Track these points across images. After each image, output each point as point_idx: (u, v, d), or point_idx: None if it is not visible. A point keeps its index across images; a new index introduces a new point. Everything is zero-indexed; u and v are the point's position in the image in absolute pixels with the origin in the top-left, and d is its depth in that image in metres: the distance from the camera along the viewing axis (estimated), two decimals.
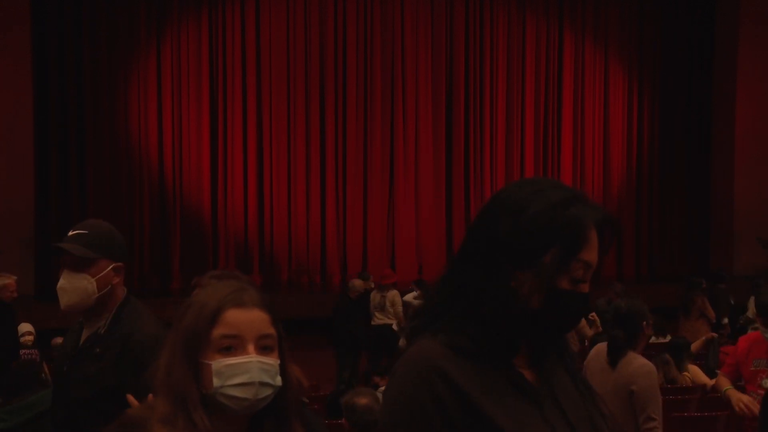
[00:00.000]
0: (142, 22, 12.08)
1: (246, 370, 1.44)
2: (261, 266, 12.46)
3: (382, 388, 5.27)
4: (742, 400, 3.98)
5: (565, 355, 1.49)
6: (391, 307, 9.20)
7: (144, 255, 12.07)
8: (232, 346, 1.45)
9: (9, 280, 7.08)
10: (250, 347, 1.46)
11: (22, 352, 6.76)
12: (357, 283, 9.33)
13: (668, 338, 7.30)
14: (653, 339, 6.85)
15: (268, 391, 1.46)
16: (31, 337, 7.17)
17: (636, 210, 13.74)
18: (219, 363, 1.43)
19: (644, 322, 3.70)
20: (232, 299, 1.48)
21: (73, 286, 2.53)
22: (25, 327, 7.30)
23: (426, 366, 1.35)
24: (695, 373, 5.96)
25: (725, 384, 4.22)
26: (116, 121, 12.03)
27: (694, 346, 6.77)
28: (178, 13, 12.22)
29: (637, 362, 3.60)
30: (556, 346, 1.48)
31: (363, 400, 3.92)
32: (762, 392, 4.00)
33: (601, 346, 3.75)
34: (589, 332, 7.13)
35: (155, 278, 12.03)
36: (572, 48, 13.44)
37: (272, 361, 1.47)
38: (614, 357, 3.61)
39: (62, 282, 2.54)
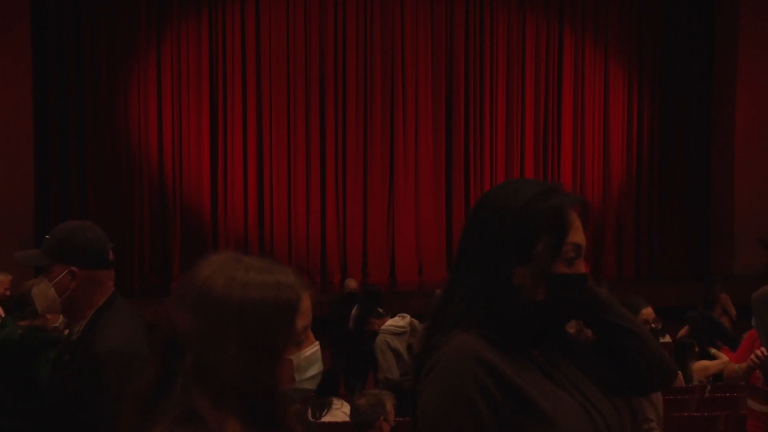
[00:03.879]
0: (142, 22, 12.08)
1: (317, 359, 1.34)
2: None
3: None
4: (755, 353, 3.98)
5: (571, 348, 1.55)
6: None
7: (144, 255, 12.07)
8: (304, 336, 1.31)
9: (2, 277, 6.98)
10: (311, 334, 1.33)
11: None
12: (351, 282, 9.36)
13: (667, 338, 7.28)
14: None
15: None
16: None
17: (636, 210, 13.74)
18: (298, 357, 1.29)
19: None
20: (300, 283, 1.31)
21: (38, 291, 2.51)
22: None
23: (467, 356, 1.39)
24: (702, 366, 5.92)
25: (734, 364, 4.21)
26: (116, 121, 12.03)
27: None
28: (178, 13, 12.22)
29: None
30: (562, 340, 1.53)
31: (361, 400, 3.94)
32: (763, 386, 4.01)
33: None
34: None
35: (155, 278, 12.03)
36: (572, 48, 13.44)
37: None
38: None
39: (34, 287, 2.55)
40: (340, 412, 5.41)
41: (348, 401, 5.44)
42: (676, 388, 5.66)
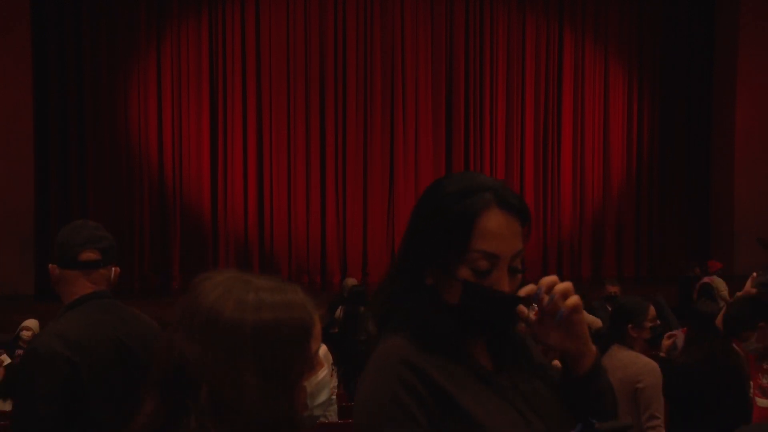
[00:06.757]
0: (142, 22, 12.08)
1: (326, 384, 1.28)
2: (261, 266, 12.46)
3: None
4: None
5: (526, 354, 1.49)
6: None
7: (144, 255, 12.07)
8: (316, 360, 1.24)
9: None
10: (320, 358, 1.26)
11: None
12: (350, 282, 9.34)
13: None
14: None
15: None
16: (29, 333, 6.92)
17: (636, 210, 13.74)
18: (311, 382, 1.27)
19: (629, 324, 3.70)
20: (312, 303, 1.24)
21: None
22: (28, 322, 7.03)
23: (395, 359, 1.36)
24: None
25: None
26: (116, 121, 12.04)
27: None
28: (178, 13, 12.23)
29: (642, 361, 3.64)
30: (512, 346, 1.47)
31: None
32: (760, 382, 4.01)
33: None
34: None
35: (155, 278, 12.04)
36: (572, 48, 13.44)
37: None
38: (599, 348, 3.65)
39: None
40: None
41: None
42: None
